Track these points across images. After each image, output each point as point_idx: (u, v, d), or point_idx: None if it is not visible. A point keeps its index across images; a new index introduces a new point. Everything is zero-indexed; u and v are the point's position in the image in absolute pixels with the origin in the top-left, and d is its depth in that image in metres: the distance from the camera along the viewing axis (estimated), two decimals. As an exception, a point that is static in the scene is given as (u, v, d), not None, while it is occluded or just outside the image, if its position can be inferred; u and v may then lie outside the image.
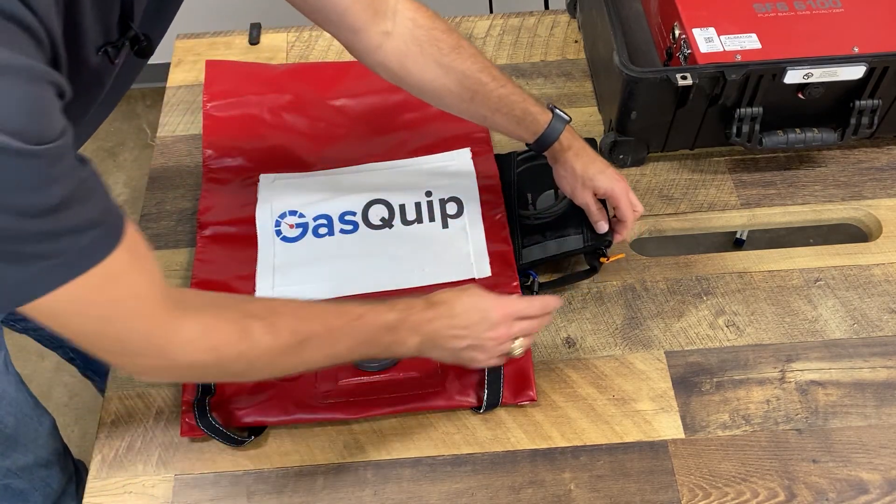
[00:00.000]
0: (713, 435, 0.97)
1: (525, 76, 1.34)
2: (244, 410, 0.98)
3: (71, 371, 1.90)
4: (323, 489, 0.94)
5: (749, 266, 1.12)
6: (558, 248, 1.09)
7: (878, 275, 1.10)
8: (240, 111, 1.28)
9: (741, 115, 1.13)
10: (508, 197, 1.16)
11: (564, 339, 1.05)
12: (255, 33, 1.41)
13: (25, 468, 1.15)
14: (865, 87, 1.12)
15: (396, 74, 1.02)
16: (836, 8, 1.17)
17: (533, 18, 1.42)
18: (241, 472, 0.96)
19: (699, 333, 1.05)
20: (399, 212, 1.16)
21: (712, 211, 1.17)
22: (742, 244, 1.79)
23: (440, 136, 1.24)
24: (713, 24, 1.15)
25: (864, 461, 0.95)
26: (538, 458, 0.96)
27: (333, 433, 0.98)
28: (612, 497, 0.93)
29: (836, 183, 1.20)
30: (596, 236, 1.08)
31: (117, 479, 0.96)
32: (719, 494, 0.93)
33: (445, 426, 0.99)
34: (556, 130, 1.04)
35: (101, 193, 0.66)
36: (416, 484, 0.95)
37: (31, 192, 0.59)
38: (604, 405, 1.00)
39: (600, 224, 1.07)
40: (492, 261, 1.10)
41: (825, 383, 1.01)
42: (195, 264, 1.11)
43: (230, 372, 0.83)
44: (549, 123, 1.03)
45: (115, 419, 1.00)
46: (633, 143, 1.18)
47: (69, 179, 0.62)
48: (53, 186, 0.61)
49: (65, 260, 0.63)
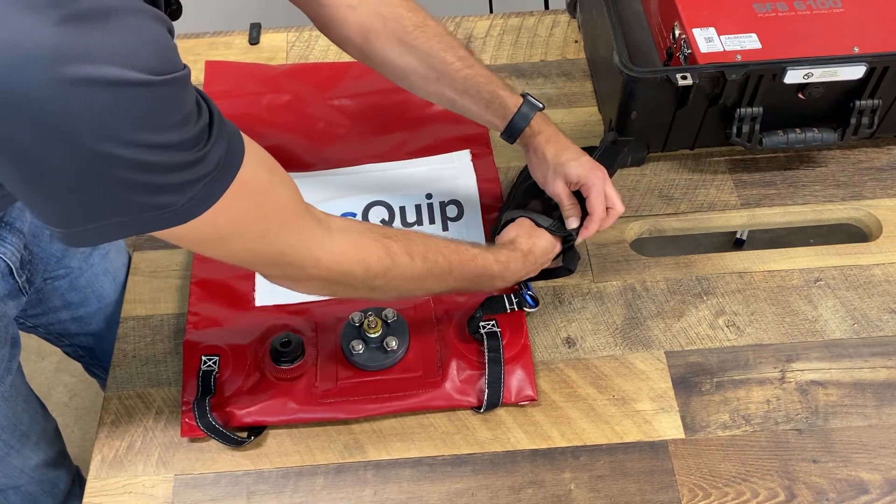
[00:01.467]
0: (713, 435, 0.97)
1: (525, 76, 1.34)
2: (244, 410, 0.98)
3: (71, 371, 1.91)
4: (323, 489, 0.94)
5: (749, 266, 1.11)
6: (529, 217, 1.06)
7: (878, 275, 1.10)
8: (239, 111, 1.27)
9: (741, 115, 1.13)
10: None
11: (564, 339, 1.05)
12: (255, 33, 1.41)
13: (36, 468, 1.15)
14: (865, 87, 1.12)
15: (361, 50, 1.02)
16: (836, 8, 1.17)
17: (533, 18, 1.42)
18: (241, 472, 0.96)
19: (699, 333, 1.05)
20: (399, 214, 1.16)
21: (712, 211, 1.17)
22: (742, 244, 1.79)
23: (440, 137, 1.24)
24: (713, 24, 1.15)
25: (864, 461, 0.95)
26: (538, 458, 0.96)
27: (333, 433, 0.98)
28: (612, 497, 0.93)
29: (836, 183, 1.20)
30: (560, 227, 1.04)
31: (117, 479, 0.96)
32: (719, 494, 0.93)
33: (445, 426, 0.99)
34: (525, 116, 1.02)
35: (217, 110, 0.69)
36: (416, 484, 0.95)
37: (173, 119, 0.62)
38: (604, 405, 1.00)
39: (570, 219, 1.03)
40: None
41: (825, 383, 1.01)
42: (194, 264, 1.11)
43: (371, 286, 0.88)
44: (519, 108, 1.02)
45: (115, 419, 1.00)
46: (633, 143, 1.18)
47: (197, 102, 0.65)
48: (190, 109, 0.64)
49: (214, 176, 0.67)
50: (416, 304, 1.06)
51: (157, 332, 1.07)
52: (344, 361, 1.02)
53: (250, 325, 1.05)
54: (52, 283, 1.12)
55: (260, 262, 0.81)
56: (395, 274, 0.87)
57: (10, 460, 1.10)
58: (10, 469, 1.12)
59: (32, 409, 1.13)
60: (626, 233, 1.15)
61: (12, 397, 1.06)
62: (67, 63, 0.56)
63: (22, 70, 0.55)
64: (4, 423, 1.06)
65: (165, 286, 1.11)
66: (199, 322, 1.06)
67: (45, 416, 1.17)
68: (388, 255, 0.86)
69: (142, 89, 0.59)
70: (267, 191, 0.75)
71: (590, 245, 1.13)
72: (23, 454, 1.12)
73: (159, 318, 1.08)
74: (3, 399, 1.03)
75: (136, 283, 1.12)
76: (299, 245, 0.79)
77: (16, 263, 0.96)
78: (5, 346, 1.00)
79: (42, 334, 1.21)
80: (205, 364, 1.00)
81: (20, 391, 1.09)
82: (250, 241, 0.76)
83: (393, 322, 1.02)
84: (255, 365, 1.01)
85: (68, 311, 1.18)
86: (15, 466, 1.12)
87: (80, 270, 1.14)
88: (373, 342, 1.01)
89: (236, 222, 0.73)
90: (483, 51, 1.37)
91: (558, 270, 1.09)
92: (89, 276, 1.16)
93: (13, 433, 1.08)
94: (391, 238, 0.87)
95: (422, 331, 1.04)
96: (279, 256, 0.78)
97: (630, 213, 1.16)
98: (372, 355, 1.01)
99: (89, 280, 1.16)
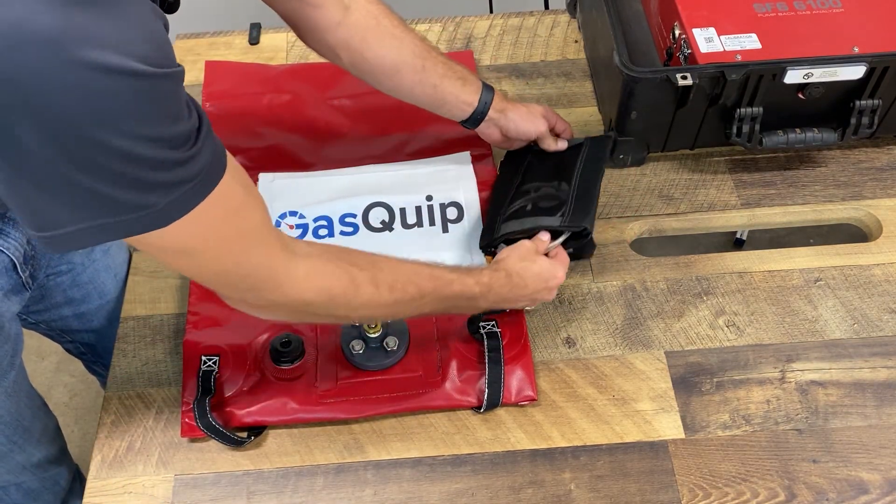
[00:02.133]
0: (713, 435, 0.97)
1: (525, 76, 1.34)
2: (244, 410, 0.98)
3: (71, 371, 1.91)
4: (323, 489, 0.94)
5: (749, 266, 1.11)
6: (534, 224, 1.07)
7: (878, 275, 1.10)
8: (239, 111, 1.28)
9: (741, 115, 1.13)
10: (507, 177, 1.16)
11: (564, 339, 1.05)
12: (255, 33, 1.41)
13: (39, 465, 1.16)
14: (865, 87, 1.12)
15: (357, 50, 1.03)
16: (836, 8, 1.17)
17: (533, 18, 1.42)
18: (241, 472, 0.96)
19: (699, 333, 1.05)
20: (399, 215, 1.16)
21: (712, 211, 1.17)
22: (742, 244, 1.79)
23: (440, 139, 1.24)
24: (713, 24, 1.15)
25: (864, 461, 0.95)
26: (538, 458, 0.96)
27: (333, 433, 0.98)
28: (612, 497, 0.93)
29: (836, 183, 1.20)
30: (573, 221, 1.05)
31: (117, 479, 0.95)
32: (719, 494, 0.93)
33: (445, 426, 0.99)
34: (490, 89, 1.10)
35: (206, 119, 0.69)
36: (416, 484, 0.95)
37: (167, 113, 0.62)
38: (604, 405, 1.00)
39: (560, 141, 1.16)
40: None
41: (825, 383, 1.01)
42: (195, 264, 1.11)
43: (334, 314, 0.89)
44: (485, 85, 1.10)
45: (115, 419, 1.00)
46: (633, 143, 1.18)
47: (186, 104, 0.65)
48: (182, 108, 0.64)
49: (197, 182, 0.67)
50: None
51: (157, 332, 1.07)
52: (344, 361, 1.02)
53: (250, 325, 1.04)
54: (55, 279, 1.13)
55: (223, 282, 0.80)
56: (359, 303, 0.86)
57: (12, 456, 1.11)
58: (13, 465, 1.12)
59: (34, 405, 1.13)
60: (626, 233, 1.15)
61: (15, 393, 1.06)
62: (73, 46, 0.55)
63: (26, 50, 0.55)
64: (7, 420, 1.06)
65: (165, 286, 1.11)
66: (199, 322, 1.06)
67: (46, 412, 1.18)
68: (352, 284, 0.84)
69: (142, 80, 0.59)
70: (242, 209, 0.75)
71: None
72: (25, 450, 1.12)
73: (159, 318, 1.08)
74: (6, 395, 1.03)
75: (137, 283, 1.12)
76: (264, 268, 0.78)
77: (19, 259, 0.97)
78: (8, 342, 1.00)
79: (44, 331, 1.21)
80: (205, 364, 1.00)
81: (22, 387, 1.09)
82: (218, 257, 0.75)
83: (393, 322, 1.02)
84: (255, 365, 1.01)
85: (70, 308, 1.18)
86: (17, 462, 1.13)
87: (82, 266, 1.15)
88: (373, 342, 1.01)
89: (208, 235, 0.72)
90: (483, 51, 1.38)
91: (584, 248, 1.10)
92: (91, 273, 1.16)
93: (16, 429, 1.09)
94: (357, 266, 0.86)
95: (422, 331, 1.04)
96: (243, 279, 0.78)
97: (630, 213, 1.16)
98: (372, 355, 1.01)
99: (91, 276, 1.17)
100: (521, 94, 1.31)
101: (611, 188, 1.19)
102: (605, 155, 1.15)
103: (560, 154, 1.16)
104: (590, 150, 1.15)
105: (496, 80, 1.33)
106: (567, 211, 1.06)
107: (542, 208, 1.08)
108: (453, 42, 1.39)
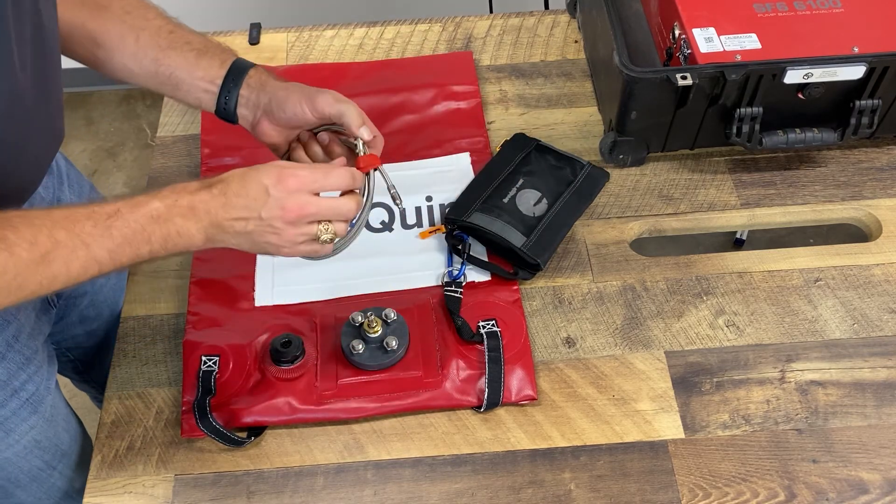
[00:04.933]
0: (713, 435, 0.97)
1: (525, 76, 1.34)
2: (244, 411, 0.98)
3: (71, 371, 1.91)
4: (323, 489, 0.94)
5: (749, 266, 1.12)
6: (500, 231, 1.07)
7: (878, 275, 1.10)
8: None
9: (741, 115, 1.13)
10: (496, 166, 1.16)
11: (564, 339, 1.05)
12: (255, 33, 1.41)
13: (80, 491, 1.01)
14: (865, 87, 1.12)
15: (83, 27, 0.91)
16: (836, 8, 1.17)
17: (533, 18, 1.42)
18: (241, 472, 0.96)
19: (699, 333, 1.05)
20: (399, 216, 1.16)
21: (712, 211, 1.17)
22: (742, 244, 1.80)
23: (440, 140, 1.24)
24: (713, 24, 1.15)
25: (864, 461, 0.95)
26: (538, 458, 0.96)
27: (333, 433, 0.98)
28: (612, 497, 0.93)
29: (836, 183, 1.20)
30: (533, 251, 1.06)
31: (117, 479, 0.95)
32: (719, 494, 0.93)
33: (445, 426, 0.99)
34: (250, 64, 0.92)
35: None
36: (416, 484, 0.95)
37: None
38: (604, 405, 1.00)
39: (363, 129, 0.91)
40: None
41: (825, 383, 1.01)
42: (194, 263, 1.11)
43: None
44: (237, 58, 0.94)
45: (115, 419, 1.00)
46: (633, 143, 1.18)
47: None
48: None
49: None
50: (417, 304, 1.06)
51: (156, 332, 1.07)
52: (344, 361, 1.02)
53: (250, 325, 1.05)
54: (73, 301, 1.12)
55: None
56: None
57: (52, 482, 1.08)
58: (53, 490, 1.09)
59: (72, 429, 1.11)
60: (626, 233, 1.15)
61: (53, 417, 1.04)
62: None
63: None
64: (46, 444, 1.04)
65: (165, 286, 1.11)
66: (198, 322, 1.06)
67: (84, 436, 1.15)
68: None
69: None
70: None
71: (589, 245, 1.13)
72: (65, 475, 1.09)
73: (159, 318, 1.08)
74: (44, 420, 1.01)
75: (136, 283, 1.12)
76: None
77: None
78: (44, 364, 0.98)
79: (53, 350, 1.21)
80: (205, 364, 1.00)
81: (59, 411, 1.07)
82: None
83: (393, 322, 1.02)
84: (255, 365, 1.01)
85: (82, 326, 1.17)
86: (58, 488, 1.09)
87: (100, 286, 1.13)
88: (373, 342, 1.01)
89: None
90: (483, 51, 1.38)
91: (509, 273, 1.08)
92: (107, 292, 1.15)
93: (54, 454, 1.07)
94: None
95: (422, 330, 1.04)
96: None
97: (630, 213, 1.16)
98: (372, 355, 1.01)
99: (107, 296, 1.16)
100: (521, 94, 1.31)
101: (611, 188, 1.19)
102: (594, 194, 1.16)
103: (559, 164, 1.16)
104: (583, 182, 1.15)
105: (496, 80, 1.33)
106: (533, 237, 1.07)
107: (516, 218, 1.09)
108: (453, 42, 1.39)
